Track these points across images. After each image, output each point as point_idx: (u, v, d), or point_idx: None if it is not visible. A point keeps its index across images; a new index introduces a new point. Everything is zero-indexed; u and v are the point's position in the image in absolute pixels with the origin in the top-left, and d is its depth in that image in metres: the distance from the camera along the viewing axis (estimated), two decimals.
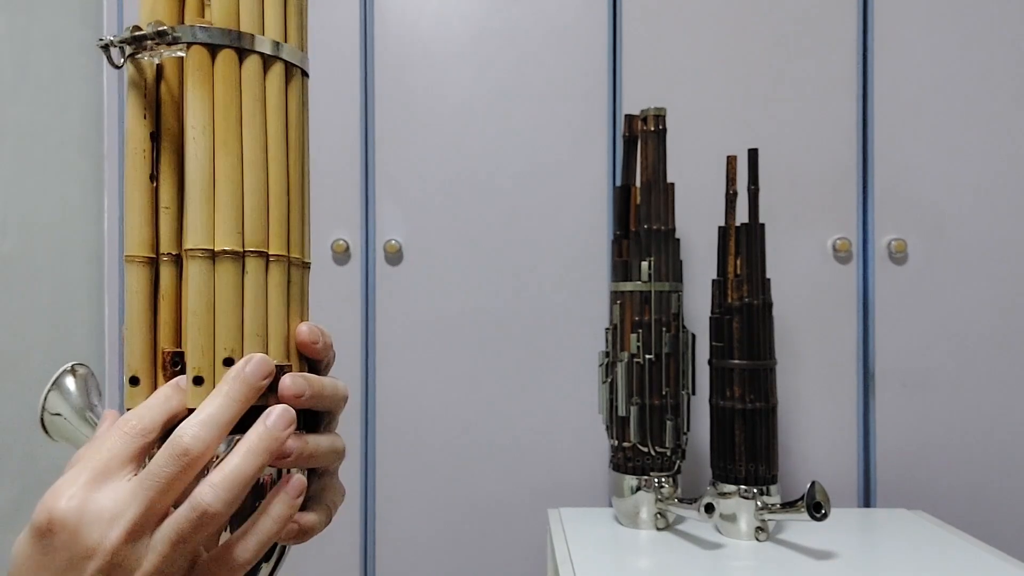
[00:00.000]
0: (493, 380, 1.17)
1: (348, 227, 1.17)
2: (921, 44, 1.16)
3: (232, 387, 0.36)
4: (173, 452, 0.34)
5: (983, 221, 1.15)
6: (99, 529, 0.33)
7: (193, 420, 0.35)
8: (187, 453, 0.34)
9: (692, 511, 0.89)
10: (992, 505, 1.14)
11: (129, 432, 0.35)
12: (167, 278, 0.40)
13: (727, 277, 1.00)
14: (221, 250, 0.39)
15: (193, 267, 0.39)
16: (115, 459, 0.35)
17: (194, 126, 0.39)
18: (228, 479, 0.35)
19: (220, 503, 0.34)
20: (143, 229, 0.40)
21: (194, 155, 0.39)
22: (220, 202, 0.39)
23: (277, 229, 0.41)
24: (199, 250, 0.39)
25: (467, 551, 1.17)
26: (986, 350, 1.15)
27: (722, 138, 1.15)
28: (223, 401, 0.36)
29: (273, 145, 0.41)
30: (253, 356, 0.38)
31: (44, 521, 0.34)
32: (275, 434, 0.36)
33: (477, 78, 1.18)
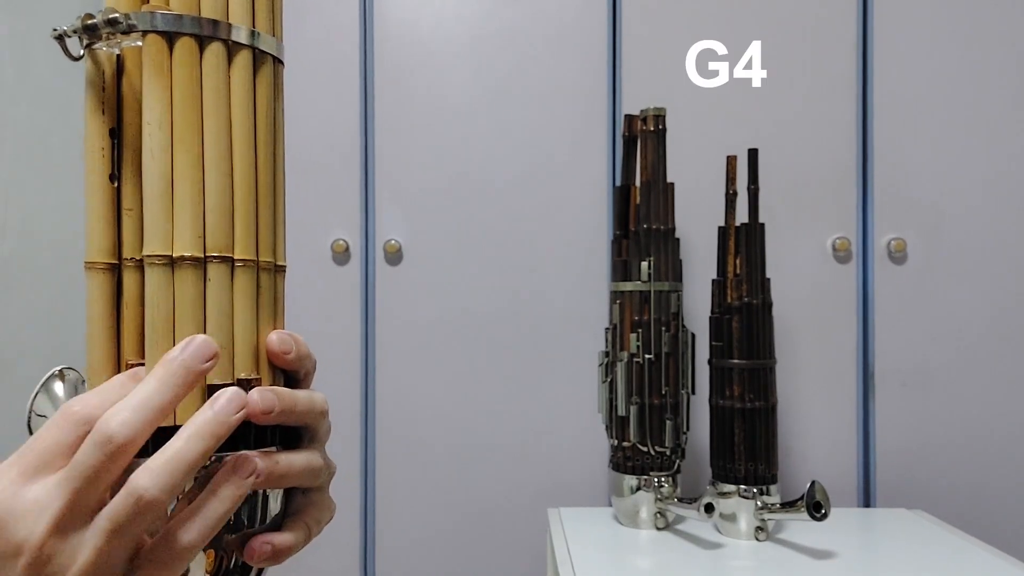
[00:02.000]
0: (493, 380, 1.17)
1: (348, 227, 1.17)
2: (921, 44, 1.16)
3: (167, 371, 0.34)
4: (97, 440, 0.32)
5: (983, 221, 1.15)
6: (26, 524, 0.32)
7: (122, 405, 0.33)
8: (111, 440, 0.32)
9: (692, 511, 0.89)
10: (992, 505, 1.14)
11: (70, 419, 0.33)
12: (131, 285, 0.37)
13: (727, 277, 1.00)
14: (180, 256, 0.36)
15: (151, 275, 0.36)
16: (51, 450, 0.33)
17: (150, 121, 0.36)
18: (168, 463, 0.32)
19: (157, 488, 0.32)
20: (103, 234, 0.37)
21: (150, 152, 0.36)
22: (179, 204, 0.36)
23: (243, 231, 0.38)
24: (157, 256, 0.36)
25: (467, 551, 1.17)
26: (986, 350, 1.15)
27: (722, 138, 1.15)
28: (156, 386, 0.33)
29: (239, 140, 0.38)
30: (194, 337, 0.35)
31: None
32: (222, 418, 0.34)
33: (477, 78, 1.18)
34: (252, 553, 0.37)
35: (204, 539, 0.34)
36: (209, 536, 0.34)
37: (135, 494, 0.32)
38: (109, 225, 0.37)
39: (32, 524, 0.32)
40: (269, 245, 0.39)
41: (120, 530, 0.32)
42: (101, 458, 0.32)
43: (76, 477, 0.32)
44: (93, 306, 0.37)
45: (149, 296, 0.36)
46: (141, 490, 0.32)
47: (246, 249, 0.38)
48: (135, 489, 0.32)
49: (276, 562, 0.37)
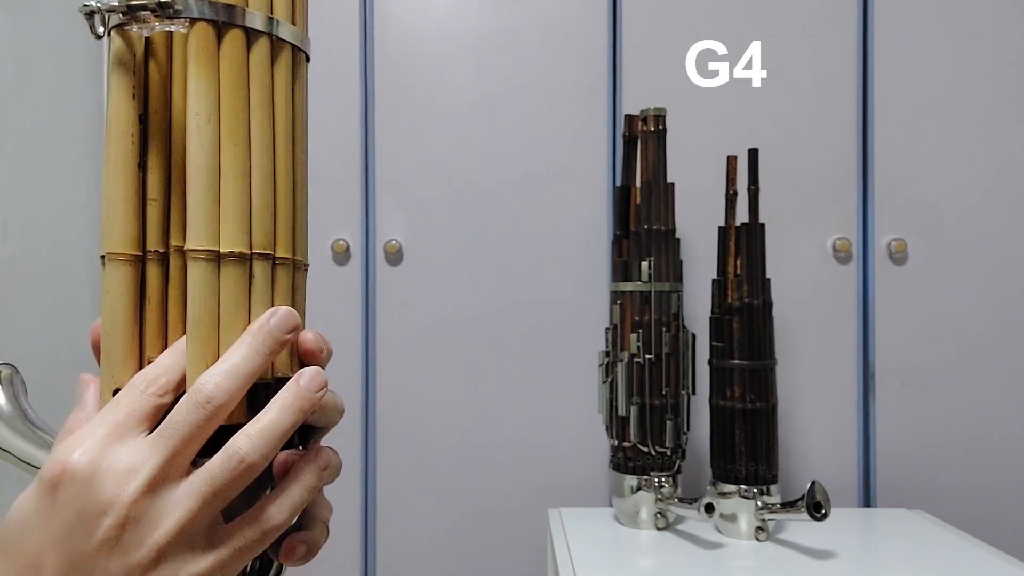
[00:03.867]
0: (493, 380, 1.17)
1: (348, 227, 1.17)
2: (921, 44, 1.16)
3: (256, 339, 0.34)
4: (196, 400, 0.32)
5: (983, 221, 1.16)
6: (115, 482, 0.31)
7: (216, 369, 0.33)
8: (210, 401, 0.32)
9: (692, 511, 0.89)
10: (992, 505, 1.14)
11: (146, 392, 0.33)
12: (154, 279, 0.36)
13: (727, 277, 1.00)
14: (228, 252, 0.35)
15: (195, 270, 0.35)
16: (132, 416, 0.33)
17: (199, 113, 0.35)
18: (265, 431, 0.33)
19: (257, 453, 0.33)
20: (128, 224, 0.36)
21: (199, 145, 0.35)
22: (226, 199, 0.35)
23: (284, 229, 0.38)
24: (202, 251, 0.35)
25: (467, 551, 1.17)
26: (986, 350, 1.15)
27: (722, 138, 1.15)
28: (247, 352, 0.34)
29: (281, 137, 0.38)
30: (279, 308, 0.36)
31: (55, 474, 0.31)
32: (307, 394, 0.35)
33: (477, 78, 1.18)
34: (291, 553, 0.37)
35: (289, 520, 0.35)
36: (294, 518, 0.35)
37: (237, 456, 0.32)
38: (134, 215, 0.36)
39: (122, 482, 0.31)
40: (303, 244, 0.40)
41: (217, 493, 0.32)
42: (200, 419, 0.32)
43: (174, 436, 0.32)
44: (115, 300, 0.35)
45: (193, 291, 0.35)
46: (243, 453, 0.32)
47: (286, 247, 0.38)
48: (236, 452, 0.32)
49: (308, 560, 0.38)
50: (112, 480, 0.31)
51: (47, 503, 0.31)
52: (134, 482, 0.31)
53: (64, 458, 0.32)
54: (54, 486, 0.31)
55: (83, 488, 0.31)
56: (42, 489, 0.32)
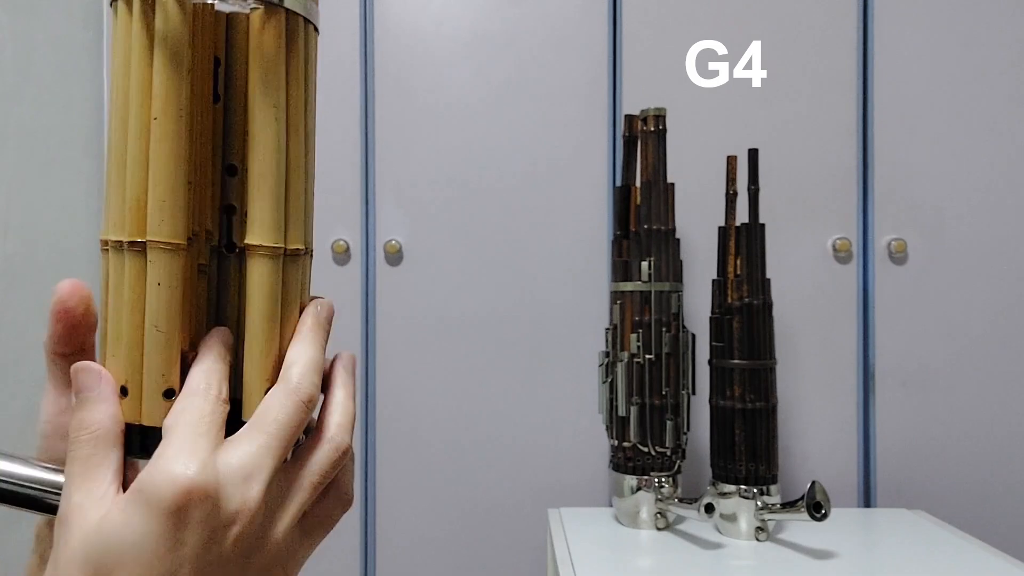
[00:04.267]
0: (493, 380, 1.17)
1: (348, 227, 1.18)
2: (921, 44, 1.16)
3: (318, 334, 0.36)
4: (300, 399, 0.34)
5: (983, 221, 1.16)
6: (238, 491, 0.31)
7: (303, 368, 0.34)
8: (311, 400, 0.34)
9: (692, 511, 0.89)
10: (992, 505, 1.14)
11: (219, 399, 0.33)
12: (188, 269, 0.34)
13: (727, 277, 1.00)
14: (294, 249, 0.36)
15: (263, 267, 0.35)
16: (215, 424, 0.33)
17: (276, 105, 0.34)
18: (351, 420, 0.36)
19: (350, 436, 0.35)
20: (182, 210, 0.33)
21: (275, 141, 0.34)
22: (292, 195, 0.35)
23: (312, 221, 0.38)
24: (270, 248, 0.35)
25: (467, 551, 1.17)
26: (986, 350, 1.15)
27: (722, 138, 1.15)
28: (316, 348, 0.36)
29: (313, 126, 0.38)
30: (322, 300, 0.37)
31: (180, 495, 0.30)
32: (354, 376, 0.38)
33: (477, 78, 1.18)
34: None
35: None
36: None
37: (341, 448, 0.35)
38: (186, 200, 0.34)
39: (244, 490, 0.31)
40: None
41: (322, 484, 0.34)
42: (303, 417, 0.34)
43: (283, 435, 0.33)
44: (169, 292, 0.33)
45: (261, 288, 0.35)
46: (345, 444, 0.35)
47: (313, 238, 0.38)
48: (340, 444, 0.35)
49: None
50: (234, 489, 0.31)
51: (171, 527, 0.30)
52: (255, 487, 0.32)
53: (184, 476, 0.30)
54: (180, 509, 0.30)
55: (214, 504, 0.31)
56: (164, 513, 0.30)
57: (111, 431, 0.33)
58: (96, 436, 0.33)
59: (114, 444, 0.33)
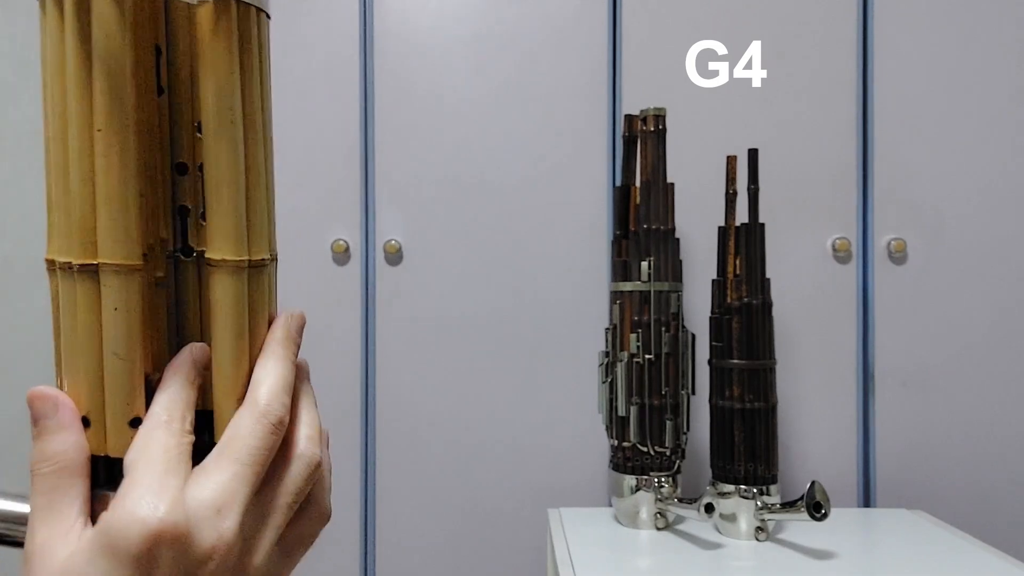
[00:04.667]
0: (493, 380, 1.17)
1: (348, 227, 1.17)
2: (921, 44, 1.16)
3: (288, 349, 0.34)
4: (270, 422, 0.32)
5: (983, 221, 1.16)
6: (211, 526, 0.29)
7: (273, 388, 0.33)
8: (282, 423, 0.32)
9: (692, 511, 0.89)
10: (992, 505, 1.14)
11: (182, 429, 0.31)
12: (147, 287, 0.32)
13: (727, 277, 1.00)
14: (259, 260, 0.33)
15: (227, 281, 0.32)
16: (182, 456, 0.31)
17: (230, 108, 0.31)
18: (318, 432, 0.34)
19: (320, 450, 0.34)
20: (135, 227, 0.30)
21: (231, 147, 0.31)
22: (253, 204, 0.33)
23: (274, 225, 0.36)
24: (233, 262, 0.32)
25: (467, 551, 1.17)
26: (986, 350, 1.15)
27: (722, 138, 1.15)
28: (285, 364, 0.34)
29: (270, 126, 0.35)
30: (292, 312, 0.35)
31: (147, 540, 0.28)
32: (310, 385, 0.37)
33: (477, 78, 1.18)
34: None
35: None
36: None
37: (313, 462, 0.33)
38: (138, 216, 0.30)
39: (217, 524, 0.30)
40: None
41: (298, 500, 0.33)
42: (274, 441, 0.32)
43: (256, 462, 0.31)
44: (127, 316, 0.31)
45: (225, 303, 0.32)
46: (316, 458, 0.33)
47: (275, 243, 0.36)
48: (312, 458, 0.33)
49: None
50: (206, 524, 0.29)
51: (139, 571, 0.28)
52: (230, 519, 0.30)
53: (153, 517, 0.28)
54: (150, 552, 0.28)
55: (185, 544, 0.29)
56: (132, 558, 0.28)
57: (74, 461, 0.31)
58: (59, 467, 0.31)
59: (78, 474, 0.31)
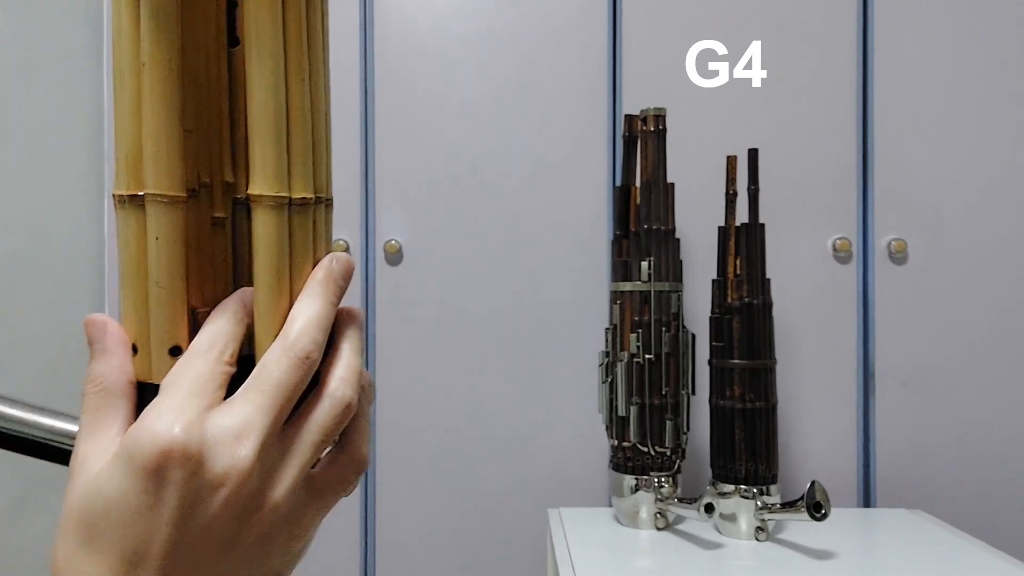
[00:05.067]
0: (493, 380, 1.17)
1: (348, 227, 1.18)
2: (921, 44, 1.16)
3: (328, 289, 0.34)
4: (297, 356, 0.32)
5: (983, 221, 1.16)
6: (227, 452, 0.29)
7: (304, 323, 0.32)
8: (309, 357, 0.32)
9: (692, 511, 0.89)
10: (992, 505, 1.14)
11: (220, 359, 0.32)
12: (193, 221, 0.33)
13: (727, 277, 1.00)
14: (300, 199, 0.33)
15: (267, 218, 0.32)
16: (213, 383, 0.31)
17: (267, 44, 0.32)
18: (355, 374, 0.33)
19: (355, 397, 0.33)
20: (177, 159, 0.32)
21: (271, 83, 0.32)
22: (296, 142, 0.33)
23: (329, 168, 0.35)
24: (274, 198, 0.32)
25: (467, 551, 1.17)
26: (986, 350, 1.15)
27: (722, 138, 1.15)
28: (322, 303, 0.33)
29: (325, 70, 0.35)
30: (339, 255, 0.35)
31: (158, 454, 0.29)
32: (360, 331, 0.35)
33: (477, 78, 1.18)
34: None
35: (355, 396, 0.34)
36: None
37: (343, 402, 0.32)
38: (180, 149, 0.32)
39: (234, 450, 0.30)
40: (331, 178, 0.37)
41: (325, 440, 0.32)
42: (300, 376, 0.32)
43: (280, 395, 0.31)
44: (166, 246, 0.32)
45: (265, 241, 0.32)
46: (347, 399, 0.33)
47: (329, 187, 0.35)
48: (342, 398, 0.32)
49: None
50: (222, 450, 0.30)
51: (151, 485, 0.29)
52: (246, 447, 0.30)
53: (166, 435, 0.29)
54: (160, 468, 0.29)
55: (196, 465, 0.29)
56: (144, 471, 0.29)
57: (117, 383, 0.32)
58: (102, 388, 0.32)
59: (121, 396, 0.32)
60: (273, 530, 0.31)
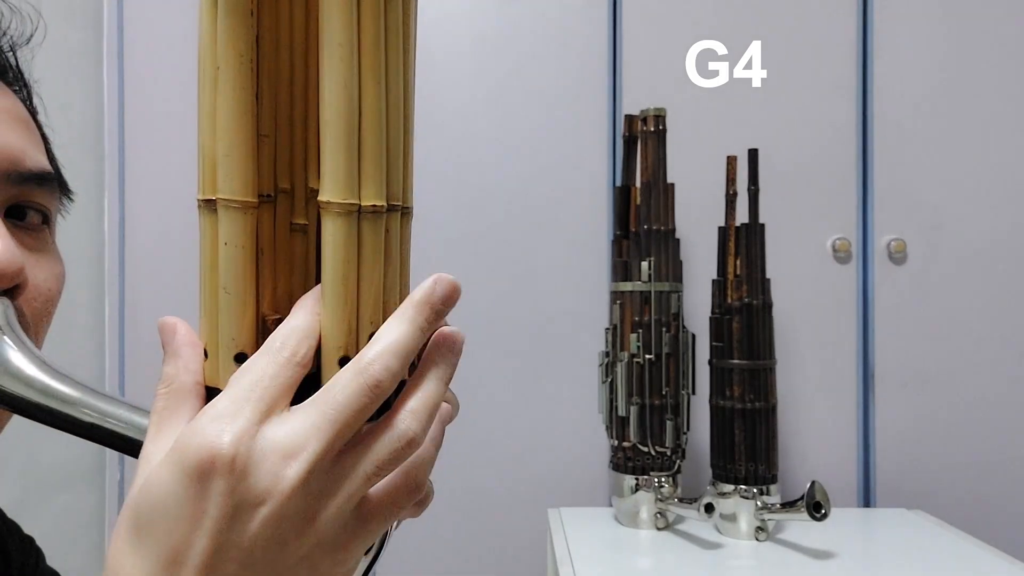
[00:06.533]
0: (493, 380, 1.17)
1: None
2: (921, 45, 1.16)
3: (420, 313, 0.32)
4: (365, 382, 0.30)
5: (982, 221, 1.16)
6: (272, 470, 0.28)
7: (382, 348, 0.30)
8: (379, 385, 0.30)
9: (692, 511, 0.89)
10: (992, 505, 1.14)
11: (291, 360, 0.30)
12: (266, 226, 0.32)
13: (727, 277, 1.00)
14: (370, 206, 0.32)
15: (335, 225, 0.31)
16: (278, 388, 0.30)
17: (341, 44, 0.30)
18: (428, 407, 0.31)
19: (423, 432, 0.31)
20: (248, 164, 0.31)
21: (342, 83, 0.30)
22: (367, 146, 0.32)
23: (407, 176, 0.34)
24: (342, 204, 0.31)
25: (467, 550, 1.17)
26: (986, 350, 1.15)
27: (722, 138, 1.15)
28: (410, 328, 0.31)
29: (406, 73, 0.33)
30: (442, 277, 0.33)
31: (204, 461, 0.28)
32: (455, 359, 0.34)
33: (477, 78, 1.18)
34: None
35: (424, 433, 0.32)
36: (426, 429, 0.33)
37: (404, 439, 0.30)
38: (252, 154, 0.31)
39: (280, 469, 0.28)
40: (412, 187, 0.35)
41: (380, 474, 0.30)
42: (366, 402, 0.30)
43: (339, 419, 0.29)
44: (235, 251, 0.32)
45: (332, 247, 0.31)
46: (412, 433, 0.30)
47: (408, 195, 0.34)
48: (404, 434, 0.30)
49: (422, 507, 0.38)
50: (269, 467, 0.28)
51: (195, 492, 0.28)
52: (293, 468, 0.28)
53: (213, 444, 0.28)
54: (204, 475, 0.28)
55: (238, 478, 0.28)
56: (188, 476, 0.28)
57: (184, 384, 0.32)
58: (170, 389, 0.32)
59: (188, 397, 0.32)
60: (315, 554, 0.30)
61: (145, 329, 1.19)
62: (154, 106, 1.20)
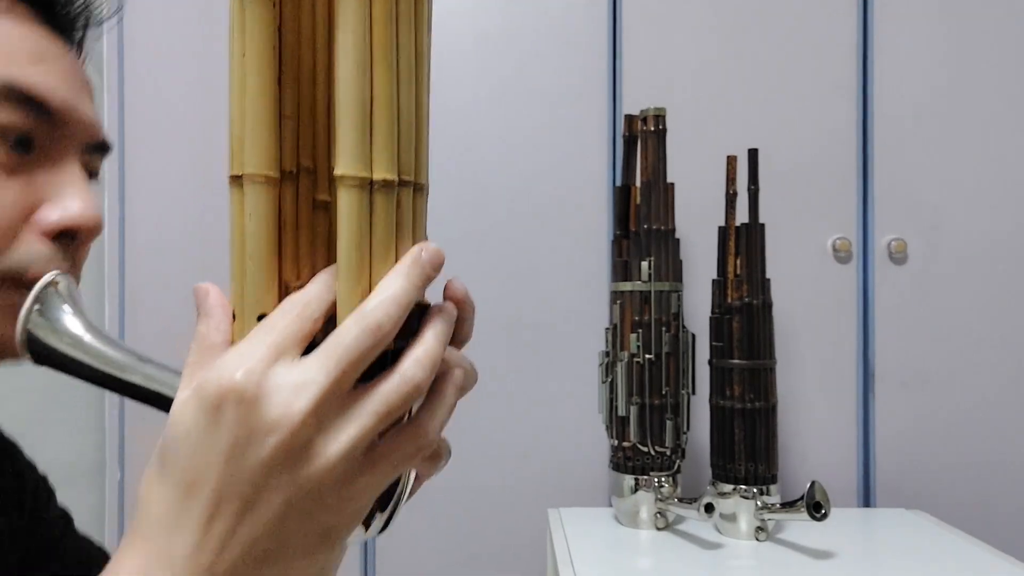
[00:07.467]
0: (493, 380, 1.17)
1: None
2: (921, 45, 1.16)
3: (412, 270, 0.34)
4: (367, 325, 0.32)
5: (982, 221, 1.16)
6: (282, 401, 0.31)
7: (382, 297, 0.33)
8: (380, 328, 0.32)
9: (692, 511, 0.89)
10: (992, 505, 1.14)
11: (301, 315, 0.33)
12: (289, 201, 0.35)
13: (727, 277, 1.00)
14: (381, 179, 0.34)
15: (348, 197, 0.33)
16: (289, 338, 0.32)
17: (354, 30, 0.33)
18: (428, 356, 0.34)
19: (427, 379, 0.34)
20: (272, 142, 0.34)
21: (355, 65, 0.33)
22: (379, 123, 0.34)
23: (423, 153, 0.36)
24: (355, 178, 0.33)
25: (467, 550, 1.17)
26: (986, 350, 1.15)
27: (722, 138, 1.15)
28: (405, 283, 0.34)
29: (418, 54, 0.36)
30: (427, 244, 0.35)
31: (219, 393, 0.31)
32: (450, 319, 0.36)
33: (477, 78, 1.18)
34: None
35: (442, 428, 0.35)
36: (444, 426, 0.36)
37: (410, 382, 0.33)
38: (276, 133, 0.34)
39: (290, 401, 0.31)
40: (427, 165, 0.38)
41: (389, 413, 0.33)
42: (369, 344, 0.32)
43: (343, 359, 0.32)
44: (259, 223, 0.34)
45: (346, 219, 0.33)
46: (416, 379, 0.33)
47: (421, 172, 0.36)
48: (411, 378, 0.33)
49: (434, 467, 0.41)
50: (279, 399, 0.31)
51: (210, 421, 0.31)
52: (301, 400, 0.31)
53: (228, 377, 0.31)
54: (218, 406, 0.31)
55: (249, 408, 0.31)
56: (204, 406, 0.31)
57: (214, 342, 0.34)
58: (201, 346, 0.34)
59: (217, 352, 0.34)
60: (324, 487, 0.32)
61: (145, 328, 1.19)
62: (154, 106, 1.20)
